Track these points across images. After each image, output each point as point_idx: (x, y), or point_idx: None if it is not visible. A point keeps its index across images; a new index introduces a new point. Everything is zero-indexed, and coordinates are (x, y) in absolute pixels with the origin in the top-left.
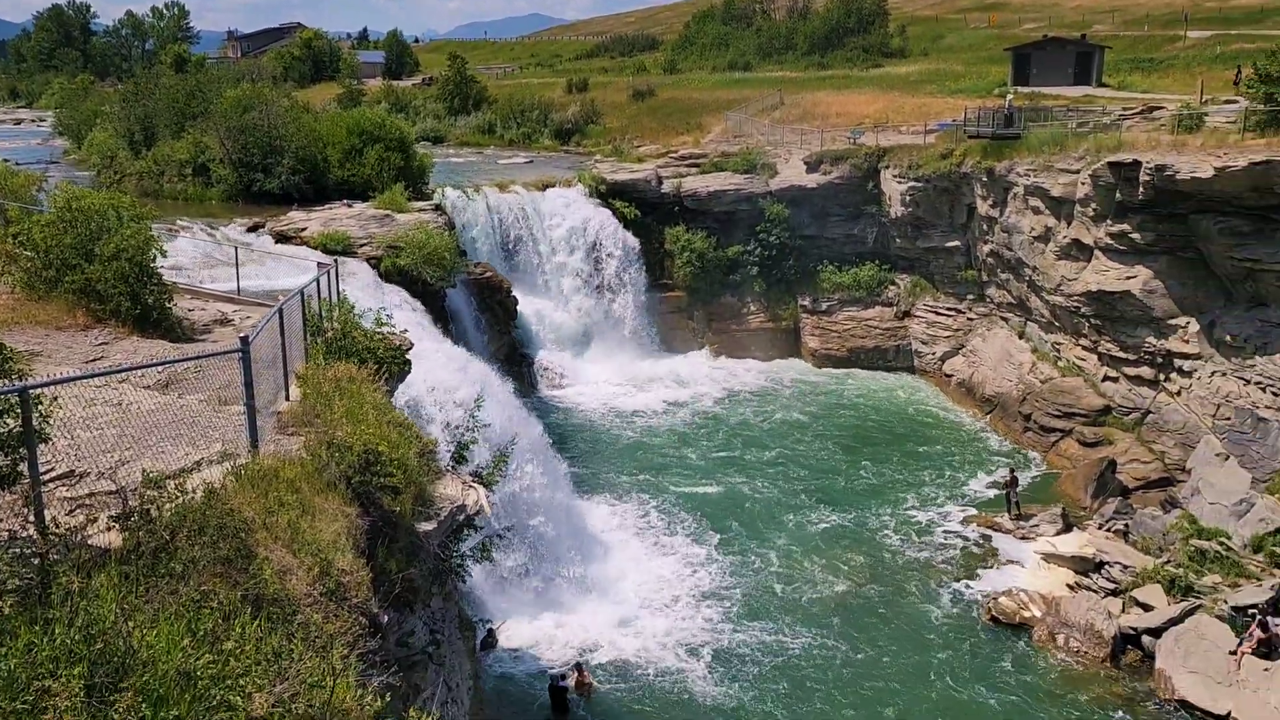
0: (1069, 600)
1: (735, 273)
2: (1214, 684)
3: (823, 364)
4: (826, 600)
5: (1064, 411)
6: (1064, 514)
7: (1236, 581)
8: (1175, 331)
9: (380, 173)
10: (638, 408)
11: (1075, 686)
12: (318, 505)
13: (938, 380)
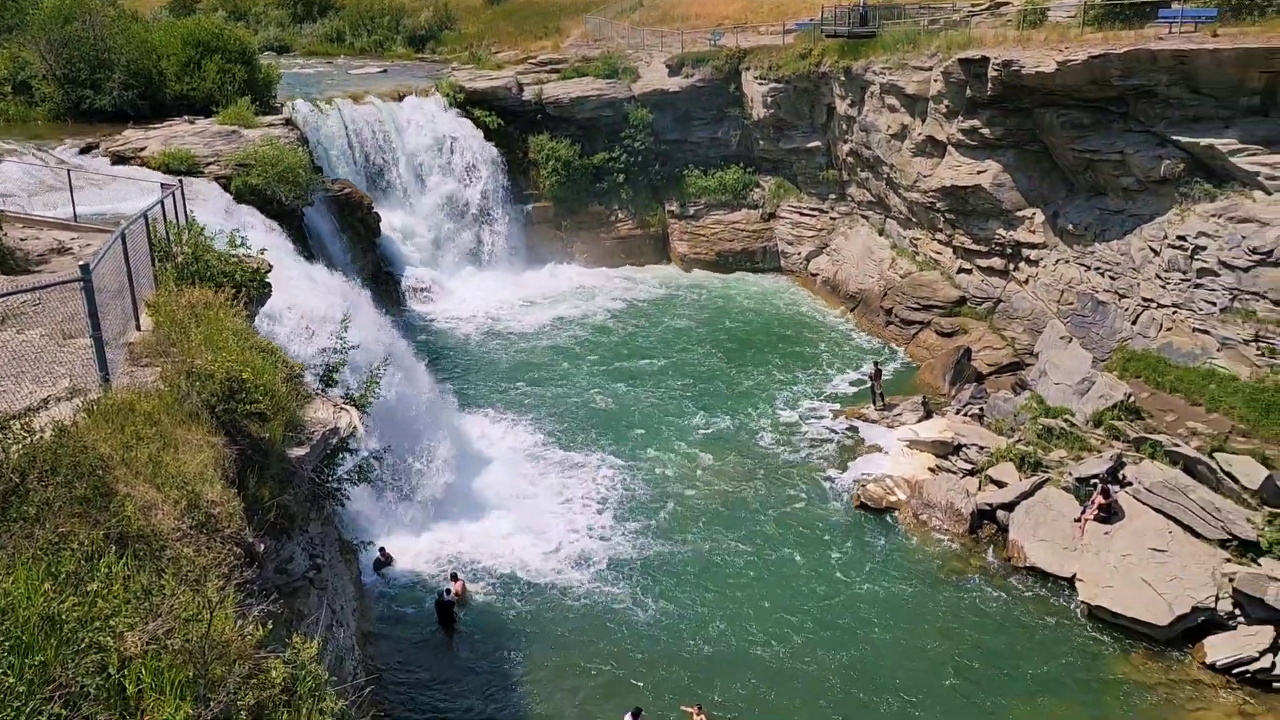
0: (931, 482)
1: (602, 180)
2: (1061, 550)
3: (692, 268)
4: (708, 501)
5: (922, 304)
6: (925, 402)
7: (1080, 455)
8: (1023, 223)
9: (223, 86)
10: (510, 320)
11: (938, 561)
12: (180, 437)
13: (804, 280)
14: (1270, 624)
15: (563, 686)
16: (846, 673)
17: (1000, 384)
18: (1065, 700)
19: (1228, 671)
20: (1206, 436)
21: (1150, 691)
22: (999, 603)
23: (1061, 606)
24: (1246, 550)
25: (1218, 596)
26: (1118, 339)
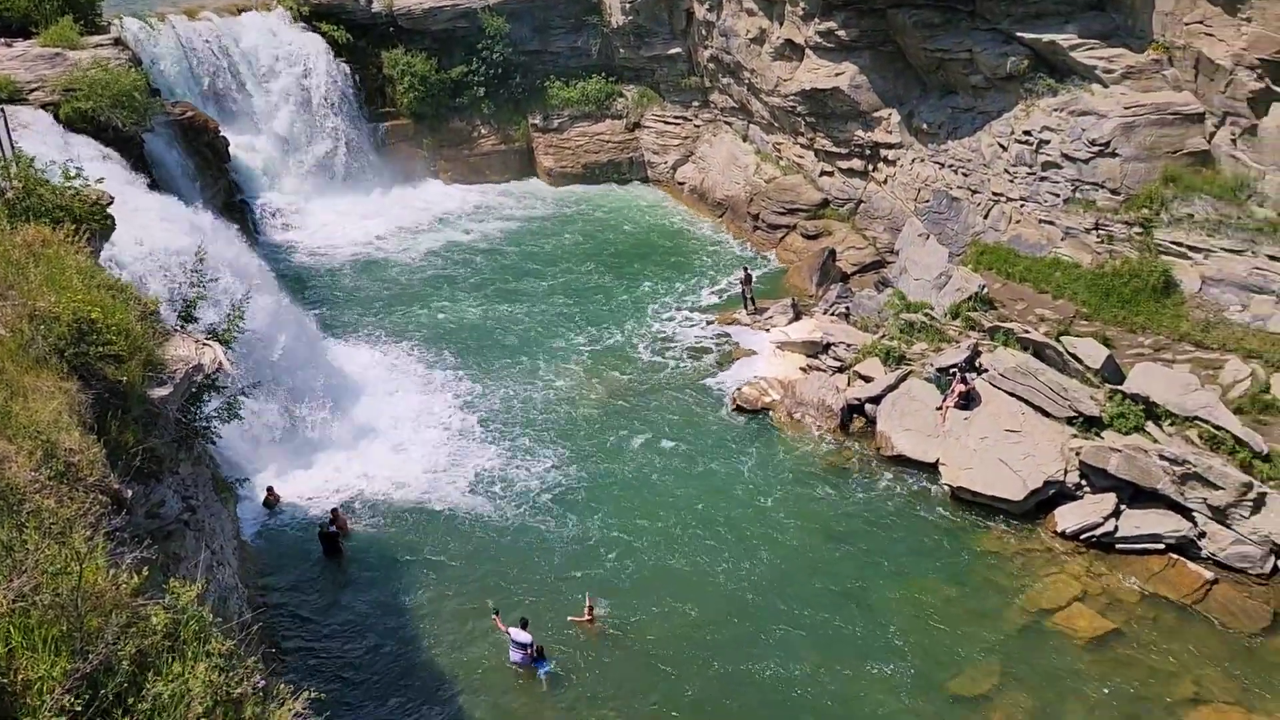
0: (803, 381)
1: (461, 95)
2: (925, 437)
3: (559, 182)
4: (591, 415)
5: (787, 208)
6: (794, 304)
7: (939, 346)
8: (879, 124)
9: (39, 4)
10: (376, 243)
11: (812, 455)
12: (28, 385)
13: (672, 189)
14: (1112, 491)
15: (451, 606)
16: (730, 570)
17: (864, 282)
18: (934, 576)
19: (1076, 537)
20: (1053, 322)
21: (1009, 561)
22: (870, 491)
23: (927, 490)
24: (1091, 425)
25: (1066, 470)
26: (971, 234)
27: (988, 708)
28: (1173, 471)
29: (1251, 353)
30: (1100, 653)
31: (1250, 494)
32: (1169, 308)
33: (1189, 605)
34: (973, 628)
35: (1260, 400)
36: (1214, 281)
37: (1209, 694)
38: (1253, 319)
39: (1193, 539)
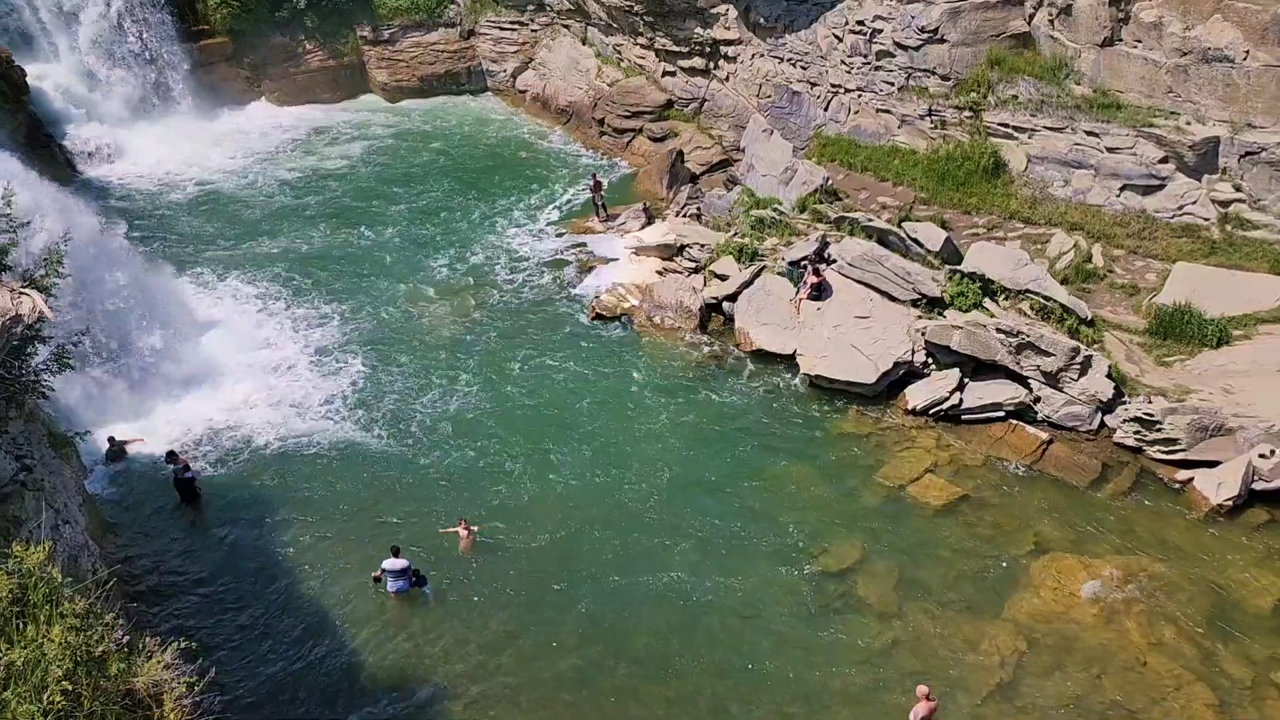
0: (660, 285)
1: (281, 8)
2: (781, 330)
3: (396, 97)
4: (450, 337)
5: (632, 111)
6: (646, 208)
7: (790, 240)
8: (717, 20)
9: None
10: (204, 175)
11: (675, 357)
12: None
13: (514, 99)
14: (956, 367)
15: (317, 541)
16: (604, 477)
17: (714, 182)
18: (798, 462)
19: (926, 413)
20: (895, 209)
21: (865, 440)
22: (733, 387)
23: (787, 381)
24: (934, 306)
25: (913, 350)
26: (813, 126)
27: (854, 579)
28: (1009, 343)
29: (1074, 225)
30: (952, 518)
31: (1078, 358)
32: (1000, 187)
33: (1028, 466)
34: (837, 506)
35: (1083, 270)
36: (1039, 160)
37: (1048, 544)
38: (1074, 193)
39: (1029, 404)
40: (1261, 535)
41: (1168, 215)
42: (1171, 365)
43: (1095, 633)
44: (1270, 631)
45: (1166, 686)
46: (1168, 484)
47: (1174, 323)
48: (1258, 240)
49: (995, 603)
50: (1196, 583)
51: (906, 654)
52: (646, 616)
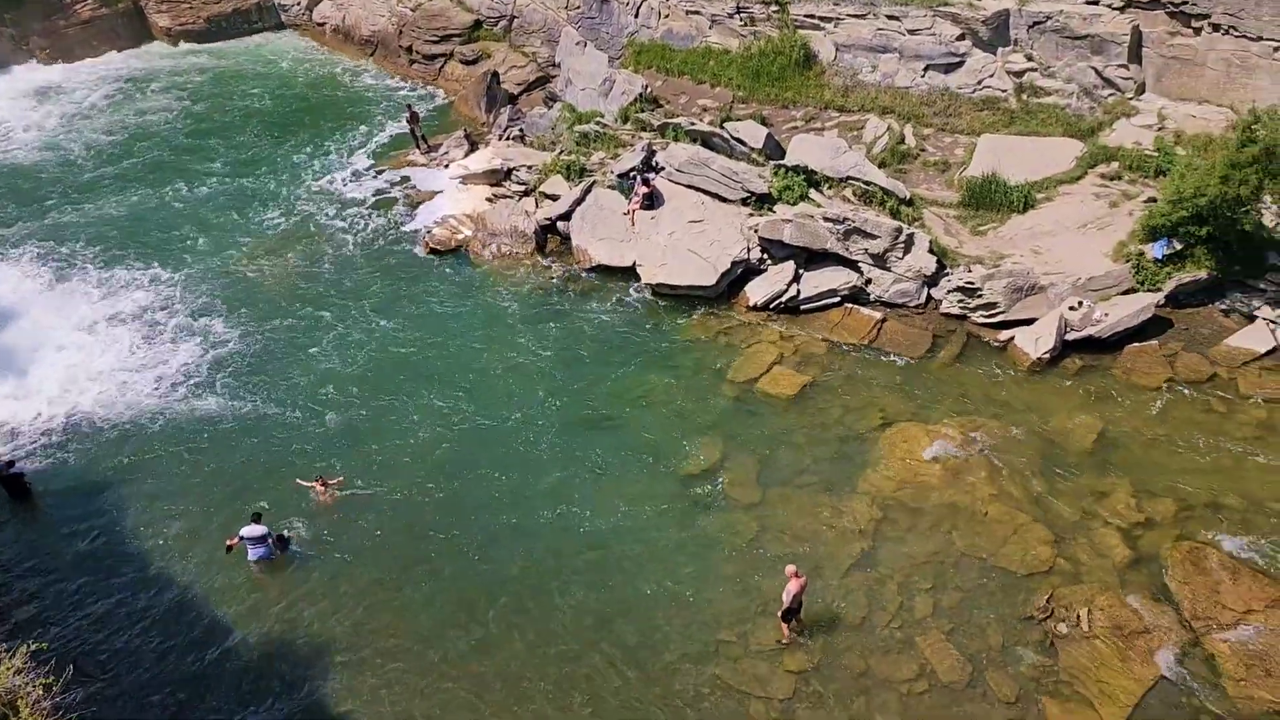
0: (491, 212)
1: None
2: (618, 243)
3: (181, 41)
4: (284, 290)
5: (440, 35)
6: (467, 135)
7: (616, 152)
8: None
9: None
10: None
11: (517, 283)
12: None
13: (313, 33)
14: (790, 259)
15: (169, 519)
16: (461, 414)
17: (533, 101)
18: (650, 371)
19: (767, 307)
20: (715, 110)
21: (713, 341)
22: (577, 306)
23: (630, 293)
24: (763, 203)
25: (749, 248)
26: (626, 34)
27: (718, 477)
28: (837, 231)
29: (886, 109)
30: (803, 405)
31: (901, 237)
32: (813, 79)
33: (867, 345)
34: (694, 409)
35: (898, 151)
36: (846, 48)
37: (893, 416)
38: (882, 77)
39: (862, 287)
40: (1078, 381)
41: (969, 90)
42: (985, 234)
43: (942, 492)
44: (1093, 467)
45: (1008, 531)
46: (992, 345)
47: (984, 193)
48: (1050, 106)
49: (850, 478)
50: (1026, 432)
51: (774, 539)
52: (522, 546)
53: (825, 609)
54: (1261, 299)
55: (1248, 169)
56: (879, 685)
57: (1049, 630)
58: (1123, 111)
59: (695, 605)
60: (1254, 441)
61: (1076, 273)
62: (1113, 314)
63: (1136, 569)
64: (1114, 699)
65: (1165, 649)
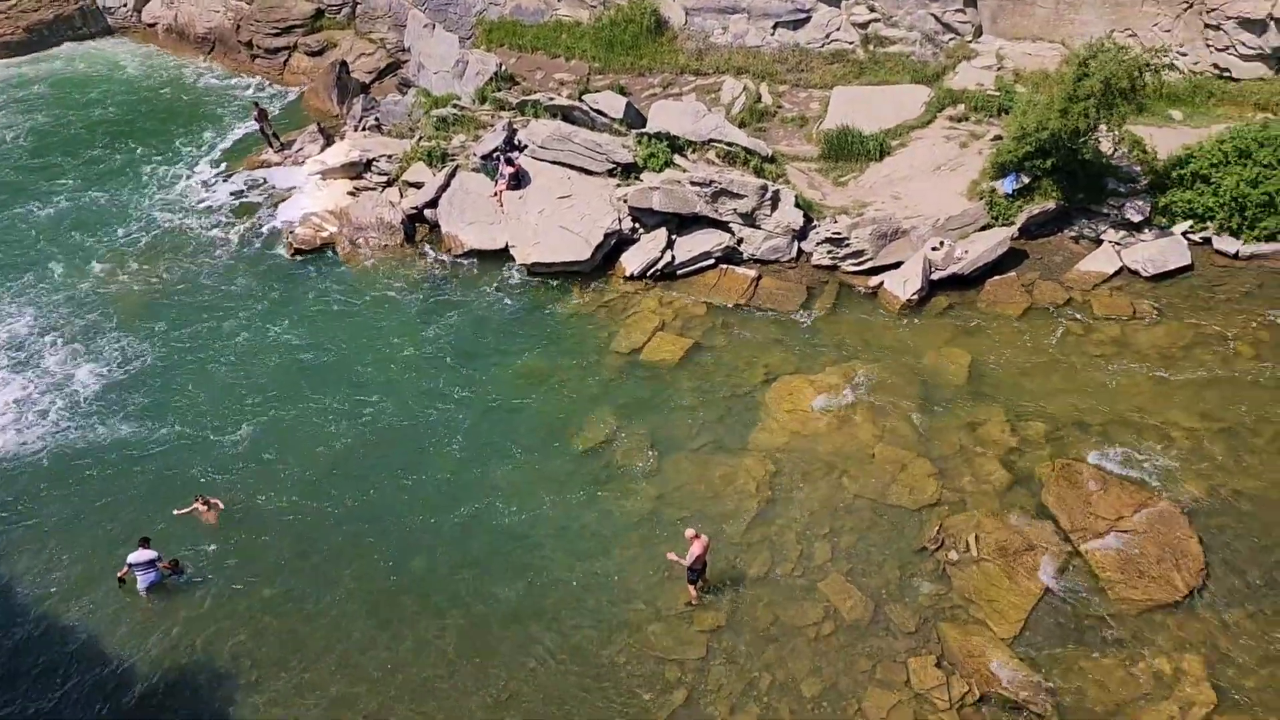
0: (355, 205)
1: None
2: (489, 226)
3: (5, 55)
4: (152, 304)
5: (281, 28)
6: (321, 129)
7: (477, 134)
8: None
9: None
10: None
11: (390, 276)
12: None
13: (145, 35)
14: (662, 226)
15: (46, 559)
16: (348, 418)
17: (386, 88)
18: (535, 352)
19: (644, 276)
20: (572, 84)
21: (594, 316)
22: (453, 293)
23: (506, 276)
24: (629, 173)
25: (620, 218)
26: (474, 14)
27: (611, 450)
28: (704, 194)
29: (740, 69)
30: (688, 368)
31: (768, 195)
32: (666, 44)
33: (744, 304)
34: (581, 386)
35: (756, 110)
36: (695, 11)
37: (776, 371)
38: (734, 38)
39: (734, 246)
40: (946, 318)
41: (818, 45)
42: (847, 184)
43: (830, 439)
44: (967, 398)
45: (896, 469)
46: (863, 292)
47: (842, 145)
48: (896, 54)
49: (741, 436)
50: (903, 372)
51: (672, 505)
52: (422, 543)
53: (729, 566)
54: (1106, 223)
55: (1085, 102)
56: (788, 633)
57: (941, 559)
58: (964, 55)
59: (602, 578)
60: (1111, 358)
61: (935, 214)
62: (972, 251)
63: (1016, 491)
64: (1005, 616)
65: (1048, 563)
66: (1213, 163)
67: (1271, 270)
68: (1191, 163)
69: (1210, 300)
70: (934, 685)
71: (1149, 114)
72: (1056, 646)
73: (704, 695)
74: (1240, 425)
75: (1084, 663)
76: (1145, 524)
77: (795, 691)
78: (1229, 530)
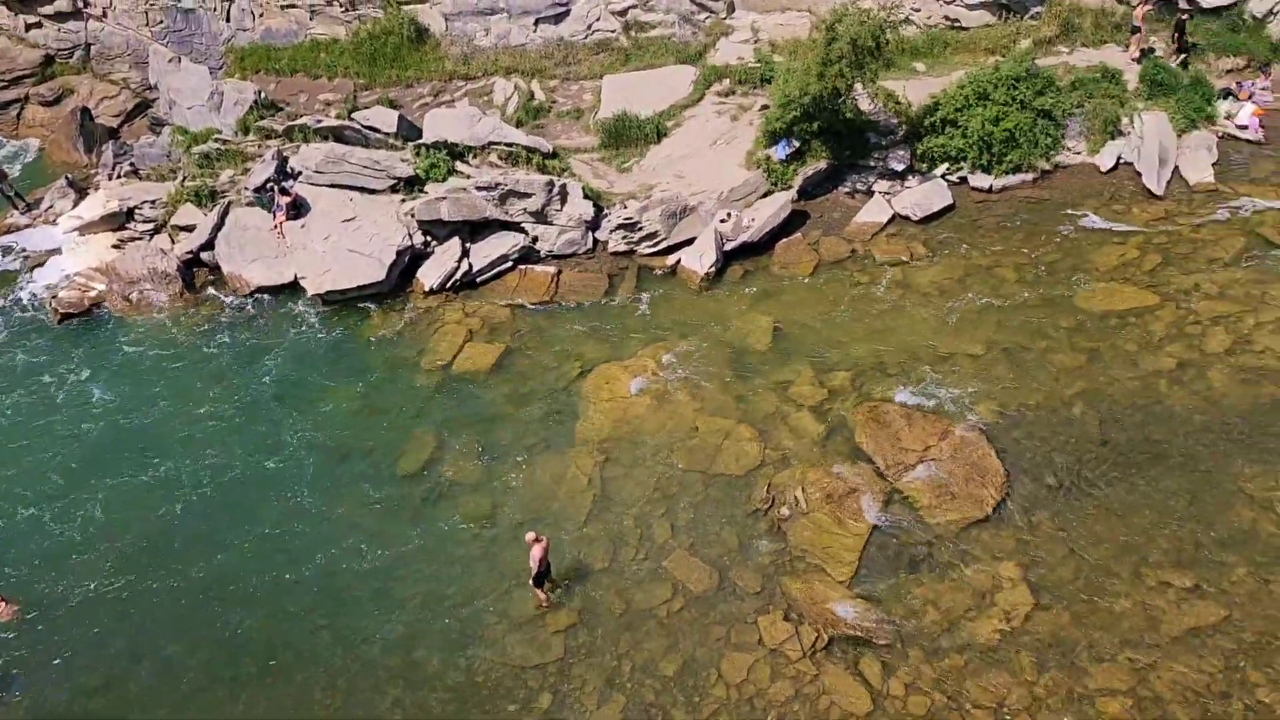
0: (123, 259)
1: None
2: (274, 261)
3: None
4: None
5: (6, 80)
6: (71, 182)
7: (246, 167)
8: None
9: None
10: None
11: (175, 327)
12: None
13: None
14: (454, 236)
15: None
16: (157, 490)
17: (137, 130)
18: (345, 381)
19: (444, 289)
20: (339, 103)
21: (399, 335)
22: (247, 336)
23: (301, 309)
24: (413, 186)
25: (410, 234)
26: (223, 42)
27: (440, 469)
28: (492, 197)
29: (509, 69)
30: (504, 374)
31: (555, 190)
32: (429, 53)
33: (549, 301)
34: (398, 408)
35: (531, 108)
36: (455, 16)
37: (591, 362)
38: (497, 39)
39: (530, 246)
40: (744, 286)
41: (582, 37)
42: (631, 169)
43: (653, 420)
44: (773, 360)
45: (719, 439)
46: (662, 273)
47: (619, 132)
48: (658, 38)
49: (566, 432)
50: (712, 344)
51: (509, 511)
52: (257, 599)
53: (574, 562)
54: (874, 175)
55: (838, 63)
56: (640, 616)
57: (774, 517)
58: (721, 31)
59: (449, 598)
60: (897, 301)
61: (718, 187)
62: (758, 218)
63: (832, 440)
64: (840, 559)
65: (871, 502)
66: (957, 107)
67: (1022, 199)
68: (939, 109)
69: (974, 234)
70: (785, 639)
71: (897, 69)
72: (890, 579)
73: (568, 695)
74: (1016, 345)
75: (917, 589)
76: (950, 449)
77: (656, 672)
78: (1022, 442)
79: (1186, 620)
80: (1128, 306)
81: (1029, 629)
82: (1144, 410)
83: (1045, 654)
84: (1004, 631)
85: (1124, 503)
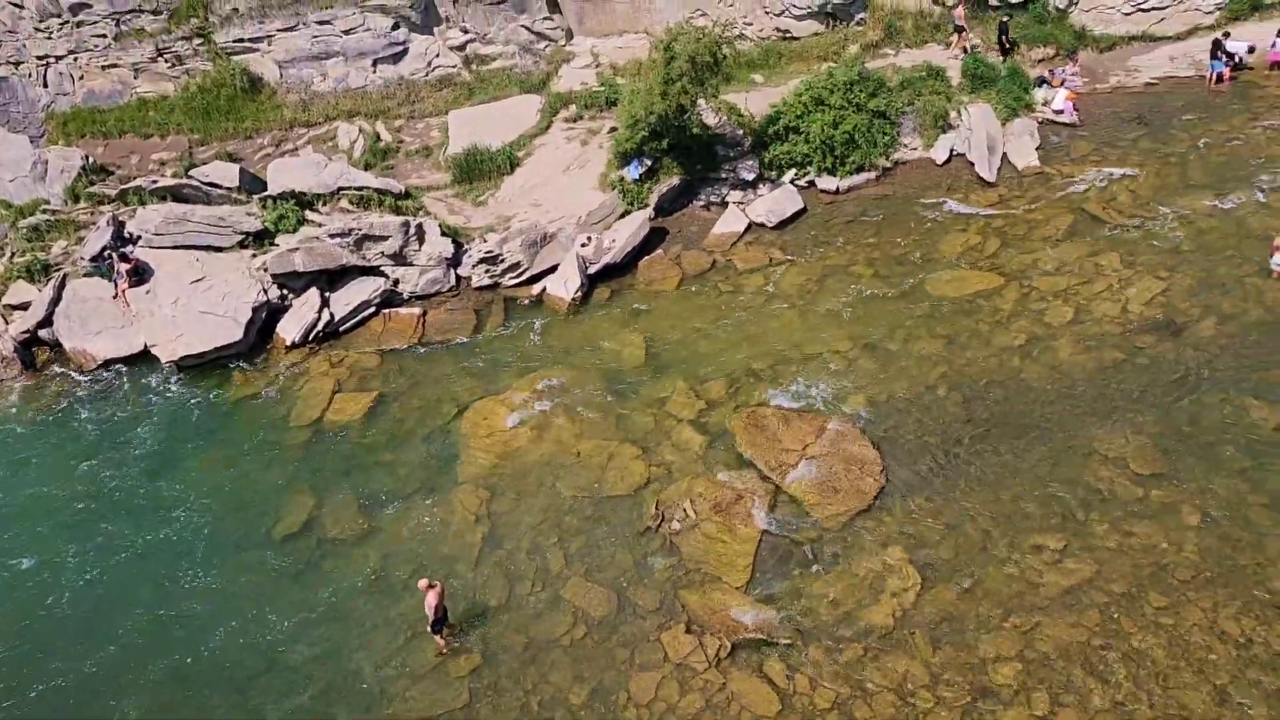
0: None
1: None
2: (120, 331)
3: None
4: None
5: None
6: None
7: (79, 236)
8: None
9: None
10: None
11: (21, 411)
12: None
13: None
14: (312, 286)
15: None
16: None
17: None
18: (212, 447)
19: (307, 341)
20: (174, 161)
21: (265, 394)
22: (104, 413)
23: (156, 378)
24: (262, 239)
25: (264, 289)
26: (41, 108)
27: (318, 526)
28: (347, 243)
29: (351, 112)
30: (378, 422)
31: (411, 230)
32: (266, 102)
33: (417, 343)
34: (270, 469)
35: (378, 150)
36: (289, 63)
37: (466, 400)
38: (336, 83)
39: (392, 289)
40: (611, 307)
41: (423, 75)
42: (486, 202)
43: (535, 450)
44: (649, 377)
45: (603, 460)
46: (528, 302)
47: (470, 166)
48: (500, 69)
49: (449, 473)
50: (587, 369)
51: (397, 560)
52: (153, 683)
53: (471, 603)
54: (726, 186)
55: (679, 81)
56: (543, 649)
57: (666, 533)
58: (562, 58)
59: (346, 658)
60: (762, 307)
61: (576, 212)
62: (619, 238)
63: (714, 449)
64: (734, 566)
65: (758, 507)
66: (798, 114)
67: (868, 197)
68: (781, 118)
69: (827, 235)
70: (689, 651)
71: (737, 82)
72: (785, 579)
73: None
74: (878, 337)
75: (811, 585)
76: (828, 445)
77: (565, 703)
78: (894, 430)
79: (1062, 580)
80: (976, 290)
81: (920, 609)
82: (1002, 385)
83: (938, 631)
84: (897, 615)
85: (994, 476)
